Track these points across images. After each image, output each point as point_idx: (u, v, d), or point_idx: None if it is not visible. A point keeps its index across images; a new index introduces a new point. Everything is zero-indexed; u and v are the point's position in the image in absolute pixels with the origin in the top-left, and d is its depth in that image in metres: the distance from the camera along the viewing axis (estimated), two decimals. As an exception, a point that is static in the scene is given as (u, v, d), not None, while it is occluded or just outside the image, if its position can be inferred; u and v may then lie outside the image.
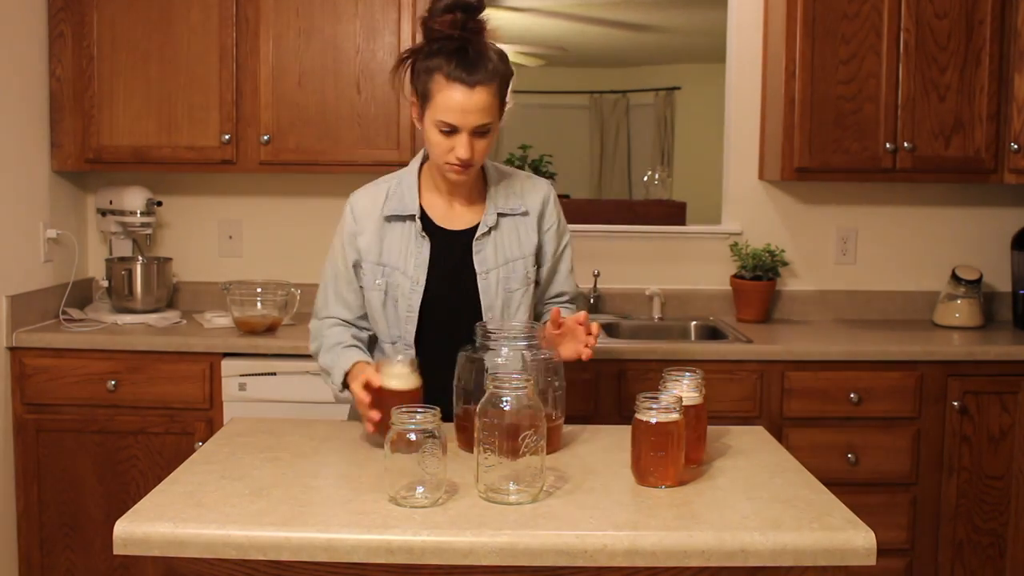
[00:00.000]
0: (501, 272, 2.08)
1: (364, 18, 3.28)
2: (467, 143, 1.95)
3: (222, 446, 1.90)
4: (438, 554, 1.46)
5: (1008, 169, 3.26)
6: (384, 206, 2.09)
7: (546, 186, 2.19)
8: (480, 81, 1.92)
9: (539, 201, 2.15)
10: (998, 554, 3.13)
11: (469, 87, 1.91)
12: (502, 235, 2.10)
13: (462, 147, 1.95)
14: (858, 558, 1.48)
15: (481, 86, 1.92)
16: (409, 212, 2.08)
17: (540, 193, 2.16)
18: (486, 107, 1.94)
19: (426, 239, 2.07)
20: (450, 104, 1.93)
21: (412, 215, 2.08)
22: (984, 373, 3.08)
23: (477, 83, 1.91)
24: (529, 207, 2.13)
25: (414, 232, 2.07)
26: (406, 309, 2.07)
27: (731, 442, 1.96)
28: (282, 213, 3.67)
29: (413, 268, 2.06)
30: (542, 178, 2.22)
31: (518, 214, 2.12)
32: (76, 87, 3.31)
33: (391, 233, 2.09)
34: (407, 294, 2.06)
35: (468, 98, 1.92)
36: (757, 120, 3.64)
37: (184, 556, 1.50)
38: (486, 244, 2.08)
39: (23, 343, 3.08)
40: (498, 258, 2.09)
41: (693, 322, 3.58)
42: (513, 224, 2.12)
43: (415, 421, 1.57)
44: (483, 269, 2.08)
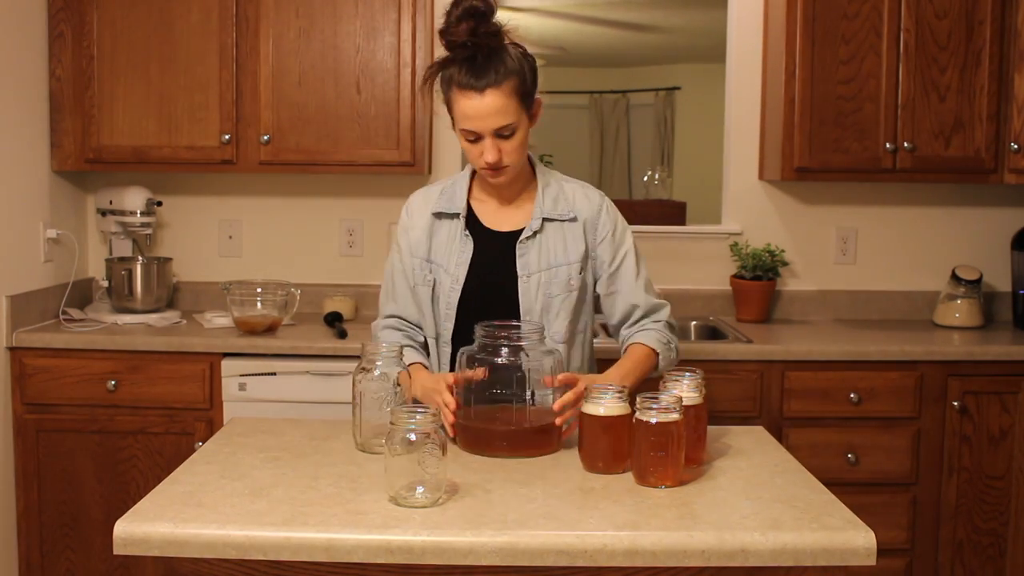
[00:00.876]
0: (543, 277, 2.07)
1: (364, 18, 3.28)
2: (492, 146, 1.96)
3: (222, 446, 1.90)
4: (438, 554, 1.46)
5: (1008, 169, 3.26)
6: (435, 203, 2.12)
7: (599, 195, 2.16)
8: (490, 84, 1.92)
9: (589, 208, 2.12)
10: (998, 554, 3.13)
11: (479, 92, 1.92)
12: (547, 239, 2.09)
13: (488, 151, 1.96)
14: (858, 558, 1.48)
15: (492, 88, 1.92)
16: (456, 210, 2.10)
17: (593, 200, 2.14)
18: (500, 108, 1.93)
19: (469, 238, 2.09)
20: (466, 112, 1.94)
21: (458, 213, 2.10)
22: (984, 373, 3.08)
23: (487, 86, 1.92)
24: (579, 213, 2.11)
25: (459, 230, 2.09)
26: (445, 307, 2.09)
27: (731, 442, 1.96)
28: (282, 213, 3.67)
29: (455, 266, 2.08)
30: (598, 189, 2.19)
31: (566, 220, 2.10)
32: (76, 87, 3.31)
33: (440, 230, 2.11)
34: (447, 292, 2.08)
35: (480, 103, 1.92)
36: (757, 120, 3.64)
37: (184, 556, 1.50)
38: (530, 248, 2.08)
39: (23, 343, 3.08)
40: (541, 262, 2.08)
41: (693, 322, 3.58)
42: (560, 230, 2.10)
43: (415, 421, 1.58)
44: (525, 272, 2.07)
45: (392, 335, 2.16)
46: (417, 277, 2.12)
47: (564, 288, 2.08)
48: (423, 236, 2.11)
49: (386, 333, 2.17)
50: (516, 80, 1.95)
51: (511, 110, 1.95)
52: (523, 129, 1.99)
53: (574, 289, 2.09)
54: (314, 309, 3.53)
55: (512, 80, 1.94)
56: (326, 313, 3.37)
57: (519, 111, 1.97)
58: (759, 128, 3.64)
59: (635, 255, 2.18)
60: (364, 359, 1.88)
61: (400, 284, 2.16)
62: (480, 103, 1.93)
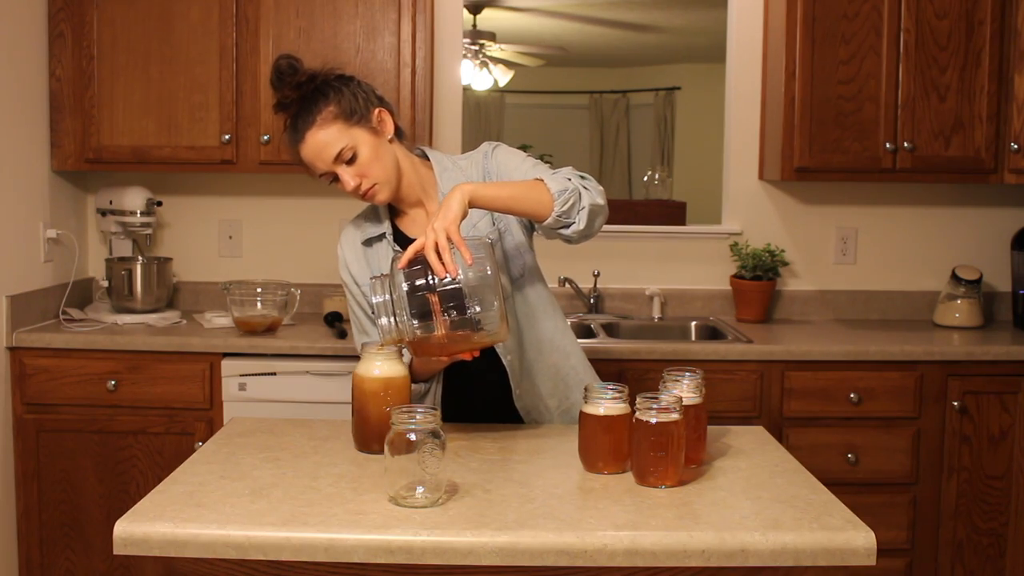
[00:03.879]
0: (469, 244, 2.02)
1: (364, 18, 3.28)
2: (345, 174, 1.98)
3: (222, 446, 1.90)
4: (438, 554, 1.46)
5: (1008, 169, 3.26)
6: (362, 232, 2.13)
7: (485, 146, 2.11)
8: (305, 129, 1.97)
9: (479, 166, 2.08)
10: (998, 554, 3.13)
11: (301, 142, 1.98)
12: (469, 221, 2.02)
13: (345, 179, 1.98)
14: (858, 558, 1.48)
15: (309, 130, 1.97)
16: (380, 231, 2.11)
17: (478, 159, 2.09)
18: (324, 141, 1.96)
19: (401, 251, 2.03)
20: (304, 161, 2.01)
21: (382, 233, 2.10)
22: (984, 373, 3.08)
23: (304, 131, 1.97)
24: (473, 178, 2.07)
25: (388, 248, 2.09)
26: None
27: (731, 442, 1.97)
28: (282, 213, 3.68)
29: None
30: (485, 143, 2.13)
31: None
32: (76, 87, 3.31)
33: (374, 256, 2.11)
34: None
35: (306, 149, 1.98)
36: (757, 120, 3.64)
37: (184, 556, 1.50)
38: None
39: (23, 343, 3.08)
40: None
41: (693, 322, 3.58)
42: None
43: (415, 421, 1.58)
44: None
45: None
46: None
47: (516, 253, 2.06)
48: (363, 265, 2.11)
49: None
50: (332, 107, 1.97)
51: (337, 136, 1.96)
52: (367, 144, 1.98)
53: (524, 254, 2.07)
54: (314, 309, 3.53)
55: (326, 110, 1.97)
56: (326, 313, 3.37)
57: (349, 131, 1.97)
58: (759, 128, 3.64)
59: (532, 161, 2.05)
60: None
61: (362, 318, 2.14)
62: (306, 148, 1.98)
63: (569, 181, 1.92)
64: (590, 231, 1.94)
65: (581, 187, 1.93)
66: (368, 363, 1.87)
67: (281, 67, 2.00)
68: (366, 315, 2.13)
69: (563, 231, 1.92)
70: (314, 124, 1.96)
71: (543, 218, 1.89)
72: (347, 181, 1.98)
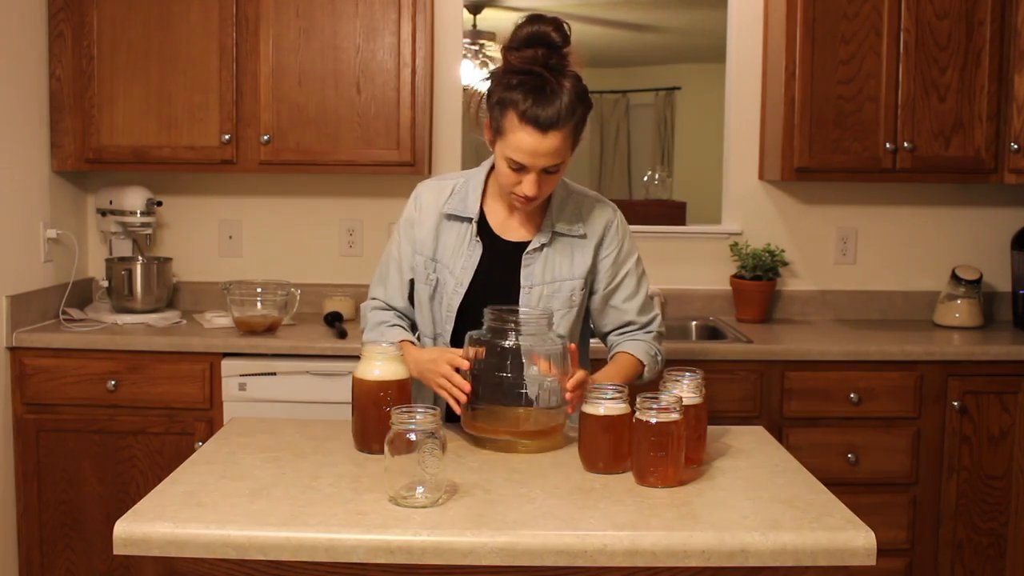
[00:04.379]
0: (546, 290, 2.06)
1: (364, 18, 3.28)
2: (534, 181, 1.93)
3: (222, 446, 1.90)
4: (438, 554, 1.46)
5: (1008, 169, 3.26)
6: (447, 203, 2.09)
7: (612, 211, 2.14)
8: (553, 125, 1.87)
9: (601, 226, 2.10)
10: (998, 554, 3.13)
11: (542, 132, 1.87)
12: (554, 253, 2.07)
13: (529, 185, 1.93)
14: (858, 558, 1.48)
15: (554, 130, 1.88)
16: (468, 214, 2.07)
17: (604, 218, 2.11)
18: (557, 150, 1.90)
19: (479, 244, 2.06)
20: (521, 146, 1.89)
21: (470, 218, 2.07)
22: (984, 373, 3.08)
23: (550, 127, 1.87)
24: (589, 231, 2.09)
25: (469, 235, 2.07)
26: (447, 308, 2.07)
27: (731, 442, 1.96)
28: (282, 213, 3.67)
29: (460, 270, 2.06)
30: (610, 202, 2.16)
31: (575, 236, 2.08)
32: (76, 87, 3.31)
33: (448, 231, 2.08)
34: (450, 294, 2.07)
35: (540, 143, 1.88)
36: (757, 120, 3.64)
37: (184, 556, 1.50)
38: (536, 259, 2.06)
39: (23, 343, 3.08)
40: (545, 275, 2.06)
41: (693, 322, 3.58)
42: (568, 245, 2.08)
43: (415, 421, 1.58)
44: (528, 283, 2.05)
45: (381, 315, 2.16)
46: (418, 274, 2.11)
47: (566, 303, 2.07)
48: (430, 234, 2.09)
49: (376, 315, 2.17)
50: (574, 124, 1.91)
51: (564, 151, 1.92)
52: (564, 168, 1.97)
53: (575, 305, 2.08)
54: (314, 309, 3.53)
55: (572, 124, 1.90)
56: (326, 313, 3.37)
57: (569, 151, 1.94)
58: (759, 128, 3.64)
59: (637, 275, 2.16)
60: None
61: (394, 275, 2.15)
62: (540, 143, 1.88)
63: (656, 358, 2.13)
64: None
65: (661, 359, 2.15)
66: (368, 363, 1.87)
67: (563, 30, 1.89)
68: (399, 274, 2.13)
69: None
70: (560, 129, 1.88)
71: None
72: (532, 187, 1.93)
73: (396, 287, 2.16)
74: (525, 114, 1.87)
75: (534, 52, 1.89)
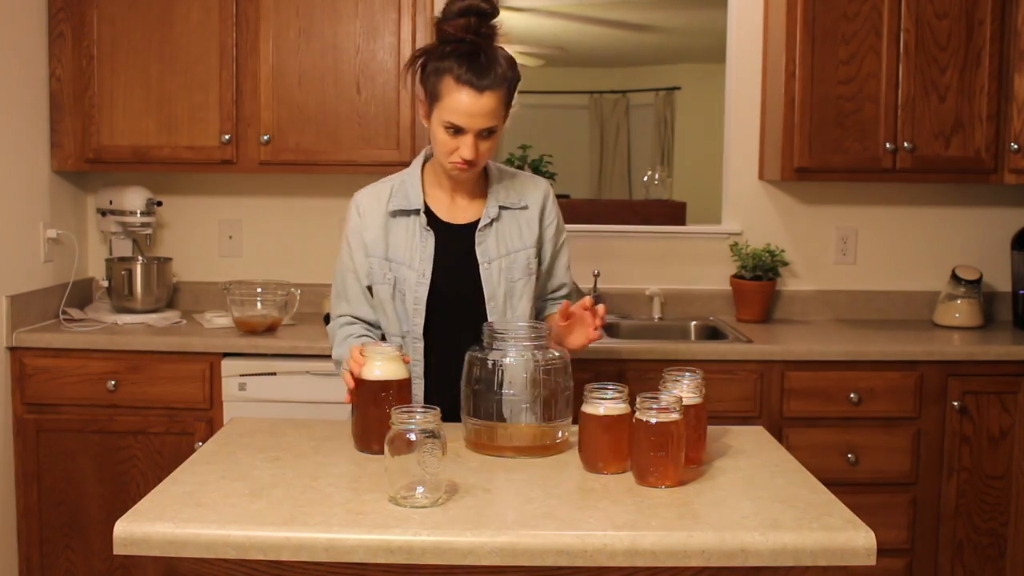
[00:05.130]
0: (503, 263, 2.13)
1: (364, 18, 3.28)
2: (472, 144, 2.01)
3: (222, 446, 1.90)
4: (438, 554, 1.46)
5: (1008, 169, 3.26)
6: (389, 202, 2.14)
7: (545, 184, 2.26)
8: (488, 86, 1.97)
9: (540, 197, 2.21)
10: (998, 554, 3.13)
11: (478, 91, 1.97)
12: (503, 227, 2.15)
13: (467, 148, 2.01)
14: (858, 558, 1.48)
15: (489, 91, 1.97)
16: (414, 206, 2.13)
17: (540, 190, 2.23)
18: (493, 111, 1.99)
19: (430, 232, 2.12)
20: (458, 106, 1.97)
21: (416, 209, 2.13)
22: (984, 373, 3.08)
23: (486, 88, 1.97)
24: (529, 202, 2.20)
25: (418, 226, 2.12)
26: (413, 302, 2.11)
27: (731, 442, 1.96)
28: (282, 213, 3.67)
29: (419, 261, 2.10)
30: (541, 177, 2.28)
31: (518, 208, 2.18)
32: (76, 87, 3.31)
33: (396, 228, 2.13)
34: (413, 287, 2.10)
35: (476, 102, 1.97)
36: (757, 120, 3.64)
37: (184, 556, 1.50)
38: (488, 235, 2.14)
39: (23, 343, 3.08)
40: (499, 249, 2.14)
41: (693, 322, 3.58)
42: (514, 217, 2.17)
43: (415, 421, 1.57)
44: (485, 260, 2.13)
45: (349, 329, 2.17)
46: (375, 276, 2.14)
47: (524, 272, 2.15)
48: (379, 235, 2.13)
49: (344, 330, 2.17)
50: (507, 87, 2.01)
51: (499, 114, 2.02)
52: (499, 133, 2.05)
53: (533, 272, 2.17)
54: (314, 309, 3.53)
55: (505, 86, 2.00)
56: (326, 313, 3.36)
57: (502, 116, 2.03)
58: (759, 128, 3.64)
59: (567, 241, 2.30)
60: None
61: (352, 285, 2.18)
62: (477, 102, 1.97)
63: None
64: None
65: None
66: (369, 364, 1.87)
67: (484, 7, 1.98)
68: (359, 284, 2.16)
69: None
70: (496, 89, 1.98)
71: None
72: (469, 150, 2.00)
73: (357, 296, 2.18)
74: (460, 77, 1.97)
75: (467, 21, 1.97)
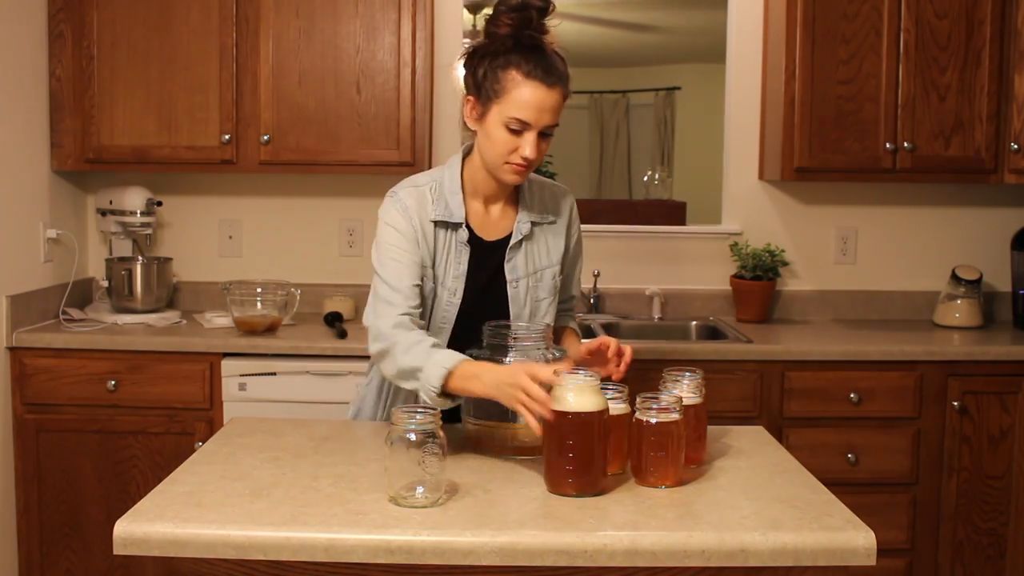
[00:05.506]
0: (531, 281, 2.06)
1: (364, 18, 3.28)
2: (534, 142, 1.91)
3: (222, 446, 1.90)
4: (438, 554, 1.46)
5: (1008, 169, 3.26)
6: (432, 209, 2.00)
7: (568, 192, 2.19)
8: (556, 81, 1.90)
9: (567, 209, 2.14)
10: (998, 554, 3.13)
11: (548, 86, 1.89)
12: (533, 244, 2.07)
13: (529, 145, 1.90)
14: (858, 558, 1.48)
15: (558, 86, 1.91)
16: (456, 220, 2.00)
17: (567, 201, 2.15)
18: (559, 106, 1.93)
19: (467, 249, 2.01)
20: (529, 101, 1.88)
21: (459, 223, 2.01)
22: (984, 373, 3.08)
23: (554, 83, 1.90)
24: (558, 216, 2.12)
25: (456, 242, 2.01)
26: (441, 320, 2.01)
27: (731, 442, 1.96)
28: (282, 213, 3.67)
29: (452, 279, 2.00)
30: (564, 186, 2.20)
31: (547, 223, 2.10)
32: (76, 87, 3.31)
33: (436, 238, 2.00)
34: (443, 304, 2.01)
35: (546, 96, 1.89)
36: (757, 120, 3.64)
37: (184, 556, 1.50)
38: (518, 253, 2.05)
39: (23, 343, 3.08)
40: (528, 267, 2.06)
41: (693, 322, 3.58)
42: (543, 233, 2.09)
43: (415, 421, 1.57)
44: (513, 278, 2.04)
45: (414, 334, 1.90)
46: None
47: (550, 291, 2.08)
48: (425, 242, 1.99)
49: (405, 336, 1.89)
50: (567, 87, 1.94)
51: (560, 106, 1.94)
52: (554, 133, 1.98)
53: (558, 288, 2.10)
54: (314, 309, 3.53)
55: (567, 84, 1.94)
56: (326, 313, 3.37)
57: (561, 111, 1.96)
58: (759, 128, 3.64)
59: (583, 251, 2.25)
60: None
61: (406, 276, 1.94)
62: (547, 96, 1.89)
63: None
64: None
65: None
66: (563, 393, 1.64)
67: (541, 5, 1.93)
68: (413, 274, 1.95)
69: None
70: (561, 87, 1.91)
71: None
72: (533, 148, 1.90)
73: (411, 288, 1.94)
74: (530, 72, 1.88)
75: (524, 15, 1.91)
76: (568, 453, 1.62)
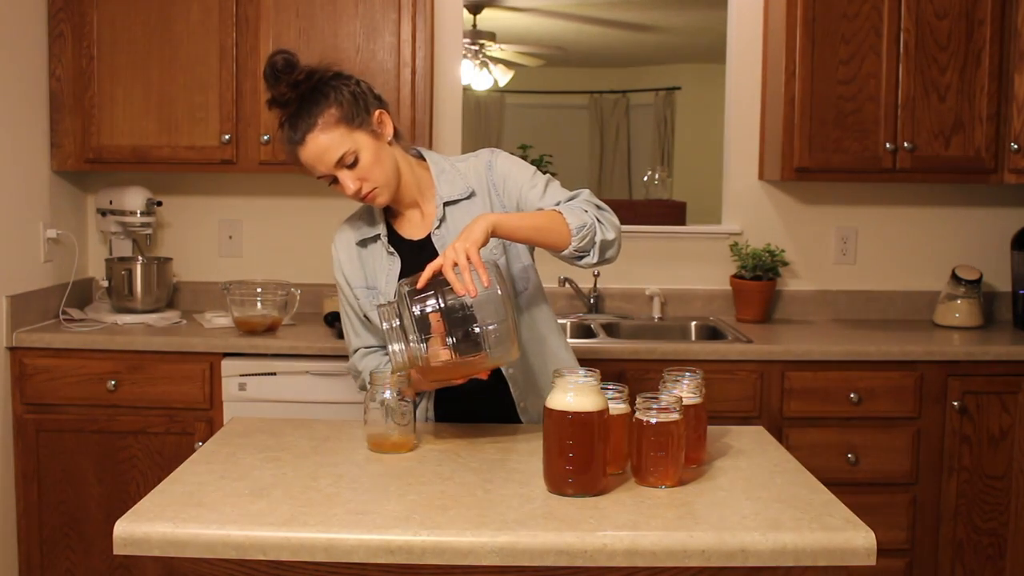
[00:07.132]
0: None
1: (364, 18, 3.28)
2: (347, 178, 1.96)
3: (222, 446, 1.90)
4: (438, 554, 1.46)
5: (1008, 169, 3.26)
6: (356, 233, 2.11)
7: (486, 154, 2.10)
8: (306, 131, 1.94)
9: (483, 174, 2.07)
10: (998, 554, 3.13)
11: (300, 144, 1.95)
12: (456, 222, 2.04)
13: (346, 183, 1.97)
14: (858, 558, 1.48)
15: (309, 133, 1.94)
16: (375, 232, 2.09)
17: (481, 165, 2.08)
18: (326, 145, 1.94)
19: (395, 255, 2.06)
20: (303, 163, 1.98)
21: (377, 234, 2.08)
22: (984, 373, 3.08)
23: (305, 134, 1.94)
24: (473, 185, 2.06)
25: (383, 250, 2.08)
26: None
27: (731, 442, 1.96)
28: (282, 213, 3.68)
29: (385, 285, 2.05)
30: (483, 150, 2.14)
31: (464, 198, 2.06)
32: (76, 87, 3.31)
33: (369, 257, 2.10)
34: None
35: (306, 151, 1.96)
36: (757, 120, 3.64)
37: (184, 556, 1.50)
38: (444, 237, 2.04)
39: (23, 343, 3.08)
40: None
41: (693, 322, 3.58)
42: (465, 209, 2.05)
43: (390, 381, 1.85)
44: None
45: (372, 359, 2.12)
46: (365, 305, 2.09)
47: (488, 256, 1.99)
48: (356, 267, 2.09)
49: (366, 361, 2.13)
50: (334, 110, 1.94)
51: (339, 141, 1.94)
52: (368, 149, 1.97)
53: (497, 255, 2.04)
54: (314, 309, 3.53)
55: (328, 113, 1.94)
56: (326, 313, 3.37)
57: (351, 135, 1.95)
58: (759, 128, 3.64)
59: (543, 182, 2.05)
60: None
61: (354, 319, 2.13)
62: (306, 151, 1.95)
63: (586, 213, 1.93)
64: (601, 262, 1.98)
65: (597, 220, 1.93)
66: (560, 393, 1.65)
67: (276, 63, 1.95)
68: (359, 318, 2.12)
69: (576, 261, 1.96)
70: (315, 127, 1.94)
71: (560, 250, 1.92)
72: (348, 185, 1.96)
73: (359, 328, 2.13)
74: (287, 139, 1.98)
75: (276, 84, 1.97)
76: (568, 453, 1.62)
